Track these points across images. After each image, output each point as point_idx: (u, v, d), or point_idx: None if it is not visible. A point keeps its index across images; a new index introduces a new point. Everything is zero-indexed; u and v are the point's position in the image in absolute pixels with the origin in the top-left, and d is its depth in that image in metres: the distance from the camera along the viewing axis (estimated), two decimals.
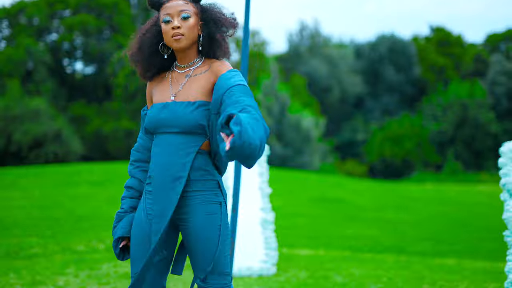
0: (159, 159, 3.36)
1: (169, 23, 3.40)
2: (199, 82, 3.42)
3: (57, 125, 32.11)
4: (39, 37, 37.77)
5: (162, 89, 3.48)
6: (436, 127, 41.92)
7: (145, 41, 3.49)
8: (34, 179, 18.98)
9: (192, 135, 3.36)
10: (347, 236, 10.52)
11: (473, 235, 10.93)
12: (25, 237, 9.49)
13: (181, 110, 3.34)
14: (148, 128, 3.43)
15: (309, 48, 51.42)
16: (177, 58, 3.50)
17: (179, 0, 3.45)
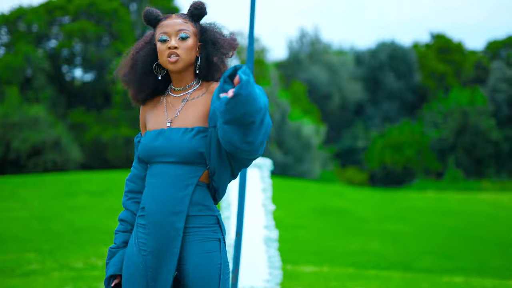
0: (155, 191, 3.09)
1: (165, 42, 3.15)
2: (196, 107, 3.17)
3: (56, 132, 31.94)
4: (38, 44, 37.62)
5: (156, 114, 3.22)
6: (436, 134, 41.80)
7: (138, 60, 3.24)
8: (33, 189, 18.82)
9: (190, 165, 3.10)
10: (350, 252, 10.32)
11: (478, 249, 10.75)
12: (22, 252, 9.31)
13: (178, 137, 3.09)
14: (142, 157, 3.18)
15: (309, 55, 51.30)
16: (173, 80, 3.25)
17: (178, 18, 3.21)
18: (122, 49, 35.71)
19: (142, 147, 3.16)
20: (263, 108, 2.88)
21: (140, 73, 3.23)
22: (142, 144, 3.17)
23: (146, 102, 3.30)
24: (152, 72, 3.24)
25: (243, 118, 2.83)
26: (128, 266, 3.12)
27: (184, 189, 3.07)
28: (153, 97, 3.30)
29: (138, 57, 3.24)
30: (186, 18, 3.23)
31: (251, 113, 2.82)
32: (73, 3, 37.46)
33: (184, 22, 3.20)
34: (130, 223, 3.24)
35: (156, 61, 3.23)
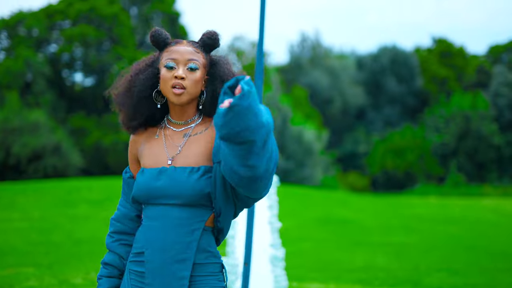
0: (155, 236, 2.79)
1: (172, 69, 2.83)
2: (199, 143, 2.87)
3: (56, 137, 31.80)
4: (38, 49, 37.54)
5: (154, 149, 2.90)
6: (438, 139, 41.67)
7: (136, 83, 2.91)
8: (33, 197, 18.65)
9: (196, 208, 2.81)
10: (356, 268, 10.12)
11: (487, 265, 10.54)
12: (21, 267, 9.12)
13: (183, 178, 2.78)
14: (138, 198, 2.85)
15: (311, 59, 51.22)
16: (172, 111, 2.93)
17: (189, 46, 2.89)
18: (123, 54, 35.67)
19: (139, 186, 2.83)
20: (266, 126, 2.58)
21: (136, 98, 2.90)
22: (139, 183, 2.84)
23: (137, 131, 2.98)
24: (151, 98, 2.92)
25: (242, 134, 2.52)
26: None
27: (190, 234, 2.79)
28: (146, 127, 2.98)
29: (137, 80, 2.92)
30: (198, 48, 2.92)
31: (251, 129, 2.51)
32: (74, 7, 37.38)
33: (195, 52, 2.89)
34: (117, 267, 2.95)
35: (156, 86, 2.92)
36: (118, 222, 2.97)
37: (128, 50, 36.42)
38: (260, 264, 7.03)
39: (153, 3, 39.51)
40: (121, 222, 2.97)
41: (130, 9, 40.18)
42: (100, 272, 2.97)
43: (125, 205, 2.99)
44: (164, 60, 2.87)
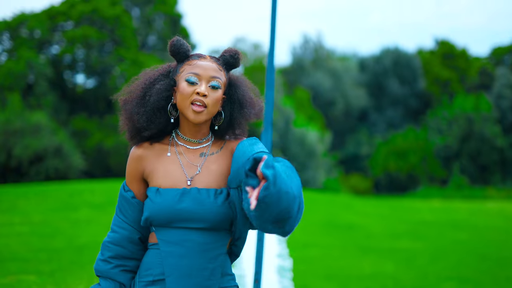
0: (179, 262, 2.61)
1: (193, 85, 2.66)
2: (218, 164, 2.73)
3: (58, 139, 31.68)
4: (40, 50, 37.48)
5: (169, 168, 2.72)
6: (441, 141, 41.54)
7: (152, 92, 2.73)
8: (34, 200, 18.51)
9: (218, 232, 2.67)
10: (364, 275, 9.95)
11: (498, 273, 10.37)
12: (22, 274, 8.96)
13: (209, 200, 2.63)
14: (156, 220, 2.65)
15: (313, 61, 51.15)
16: (184, 128, 2.76)
17: (213, 63, 2.73)
18: (125, 55, 35.58)
19: (159, 208, 2.64)
20: (297, 196, 2.43)
21: (151, 108, 2.72)
22: (158, 204, 2.65)
23: (141, 144, 2.81)
24: (164, 110, 2.75)
25: (278, 217, 2.39)
26: None
27: (214, 259, 2.65)
28: (152, 142, 2.81)
29: (152, 89, 2.74)
30: (220, 65, 2.76)
31: (286, 210, 2.38)
32: (76, 9, 37.33)
33: (219, 69, 2.74)
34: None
35: (170, 99, 2.76)
36: (117, 245, 2.75)
37: (130, 52, 36.33)
38: (267, 274, 6.88)
39: (155, 5, 39.46)
40: (121, 246, 2.75)
41: (132, 10, 40.13)
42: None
43: (124, 226, 2.77)
44: (186, 73, 2.71)
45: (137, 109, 2.75)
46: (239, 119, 2.79)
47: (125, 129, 2.83)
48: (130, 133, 2.82)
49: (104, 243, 2.77)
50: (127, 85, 2.86)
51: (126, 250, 2.74)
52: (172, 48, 2.75)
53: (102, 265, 2.73)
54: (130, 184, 2.80)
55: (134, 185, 2.79)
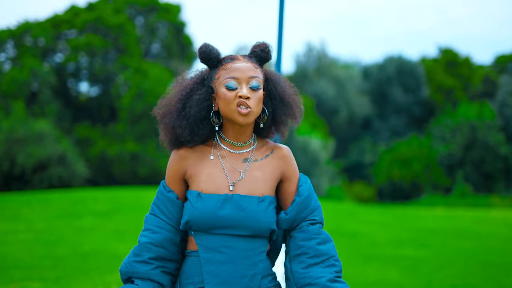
0: (219, 269, 2.62)
1: (234, 90, 2.63)
2: (263, 172, 2.73)
3: (61, 147, 31.76)
4: (44, 58, 37.63)
5: (212, 172, 2.70)
6: (445, 149, 41.52)
7: (192, 104, 2.69)
8: (38, 208, 18.55)
9: (260, 239, 2.68)
10: (369, 283, 9.95)
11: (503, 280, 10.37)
12: (26, 281, 8.97)
13: (253, 208, 2.63)
14: (197, 225, 2.65)
15: (316, 69, 51.21)
16: (229, 131, 2.74)
17: (248, 63, 2.69)
18: (129, 63, 35.65)
19: (200, 213, 2.63)
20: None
21: (194, 120, 2.69)
22: (199, 209, 2.64)
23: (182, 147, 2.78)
24: (207, 119, 2.72)
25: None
26: None
27: (254, 266, 2.66)
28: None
29: (191, 100, 2.70)
30: (255, 63, 2.73)
31: None
32: (80, 17, 37.48)
33: (255, 68, 2.70)
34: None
35: (211, 107, 2.73)
36: (159, 247, 2.70)
37: (134, 60, 36.40)
38: None
39: (158, 13, 39.56)
40: (163, 247, 2.71)
41: (136, 19, 40.23)
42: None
43: (167, 227, 2.72)
44: (223, 79, 2.67)
45: (178, 122, 2.71)
46: (281, 115, 2.79)
47: (166, 141, 2.80)
48: (172, 144, 2.79)
49: (142, 244, 2.70)
50: (162, 98, 2.81)
51: (168, 252, 2.71)
52: (203, 55, 2.71)
53: (141, 266, 2.67)
54: (172, 185, 2.77)
55: (175, 186, 2.76)
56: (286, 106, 2.79)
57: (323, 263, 2.72)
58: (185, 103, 2.71)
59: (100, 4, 38.79)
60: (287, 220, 2.74)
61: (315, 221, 2.77)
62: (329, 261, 2.74)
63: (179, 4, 40.25)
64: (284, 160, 2.79)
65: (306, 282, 2.68)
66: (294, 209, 2.72)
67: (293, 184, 2.78)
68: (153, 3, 39.65)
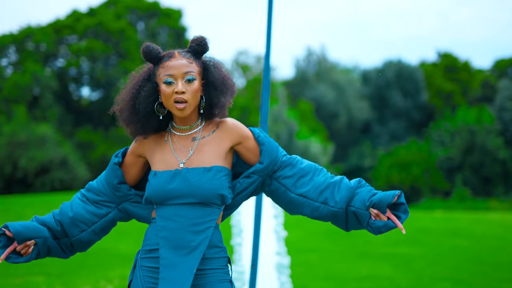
0: (170, 235, 2.96)
1: (171, 85, 3.00)
2: (211, 145, 3.07)
3: (63, 151, 31.99)
4: (46, 63, 37.85)
5: (163, 154, 3.08)
6: (444, 153, 41.65)
7: (140, 101, 3.07)
8: (41, 209, 18.78)
9: (209, 207, 3.00)
10: (362, 277, 10.24)
11: (491, 275, 10.65)
12: (31, 276, 9.26)
13: (197, 178, 2.97)
14: (152, 199, 3.02)
15: (316, 73, 51.40)
16: (175, 119, 3.11)
17: (182, 59, 3.05)
18: (130, 68, 35.85)
19: (154, 188, 3.01)
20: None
21: (143, 114, 3.08)
22: (154, 185, 3.01)
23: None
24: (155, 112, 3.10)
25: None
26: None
27: (203, 232, 2.98)
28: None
29: (139, 98, 3.08)
30: (190, 57, 3.09)
31: None
32: (81, 22, 37.71)
33: (189, 63, 3.06)
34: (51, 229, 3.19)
35: (157, 100, 3.10)
36: (91, 192, 3.24)
37: (135, 64, 36.53)
38: (266, 271, 7.19)
39: (159, 18, 39.78)
40: (94, 193, 3.23)
41: (137, 24, 40.47)
42: (54, 211, 3.26)
43: (103, 183, 3.23)
44: (162, 76, 3.03)
45: (131, 118, 3.10)
46: (215, 98, 3.12)
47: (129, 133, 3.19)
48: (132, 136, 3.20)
49: (89, 184, 3.28)
50: (118, 94, 3.21)
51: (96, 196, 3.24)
52: (144, 55, 3.10)
53: (76, 196, 3.29)
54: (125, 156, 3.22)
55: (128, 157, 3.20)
56: (218, 89, 3.11)
57: (320, 173, 3.16)
58: (135, 101, 3.10)
59: (101, 9, 39.03)
60: (266, 167, 3.10)
61: (286, 155, 3.16)
62: (322, 171, 3.18)
63: (180, 9, 40.48)
64: (230, 130, 3.12)
65: (315, 194, 3.13)
66: (266, 155, 3.09)
67: (251, 140, 3.14)
68: (154, 8, 39.88)
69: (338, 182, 3.12)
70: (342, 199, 3.09)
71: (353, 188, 3.10)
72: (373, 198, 3.02)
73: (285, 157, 3.15)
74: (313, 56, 52.40)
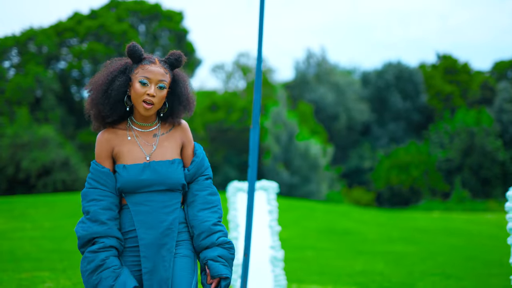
0: (146, 218, 3.45)
1: (145, 86, 3.47)
2: (170, 142, 3.61)
3: (65, 152, 32.22)
4: (48, 65, 38.07)
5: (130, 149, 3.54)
6: (443, 154, 41.86)
7: (113, 87, 3.52)
8: (44, 209, 19.10)
9: (174, 192, 3.53)
10: (355, 272, 10.56)
11: (482, 271, 10.96)
12: (37, 271, 9.58)
13: (165, 169, 3.49)
14: (125, 189, 3.47)
15: (316, 75, 51.57)
16: (137, 115, 3.59)
17: (160, 68, 3.52)
18: None
19: (126, 180, 3.46)
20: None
21: (114, 100, 3.51)
22: (126, 177, 3.47)
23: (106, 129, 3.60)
24: (123, 101, 3.54)
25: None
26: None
27: (172, 212, 3.49)
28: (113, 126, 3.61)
29: (113, 85, 3.52)
30: (167, 68, 3.56)
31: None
32: (83, 25, 37.94)
33: (165, 73, 3.54)
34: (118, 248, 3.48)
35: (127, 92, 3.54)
36: (107, 210, 3.48)
37: None
38: (260, 264, 7.53)
39: (161, 21, 39.98)
40: (111, 209, 3.49)
41: (138, 26, 40.68)
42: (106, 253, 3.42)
43: (108, 194, 3.52)
44: (139, 76, 3.50)
45: (102, 100, 3.52)
46: (177, 109, 3.64)
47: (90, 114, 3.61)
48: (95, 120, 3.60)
49: (94, 211, 3.48)
50: (93, 77, 3.63)
51: (114, 212, 3.51)
52: (129, 53, 3.53)
53: (100, 227, 3.44)
54: (103, 162, 3.58)
55: (105, 162, 3.59)
56: (182, 102, 3.64)
57: (210, 209, 3.60)
58: (109, 86, 3.54)
59: (102, 11, 39.25)
60: (189, 175, 3.63)
61: (208, 176, 3.69)
62: (214, 208, 3.61)
63: (182, 12, 40.69)
64: (182, 131, 3.69)
65: (197, 223, 3.56)
66: (194, 167, 3.65)
67: (191, 148, 3.69)
68: (155, 10, 40.09)
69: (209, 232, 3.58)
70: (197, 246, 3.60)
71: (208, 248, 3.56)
72: (209, 263, 3.51)
73: (205, 181, 3.67)
74: (313, 58, 52.57)
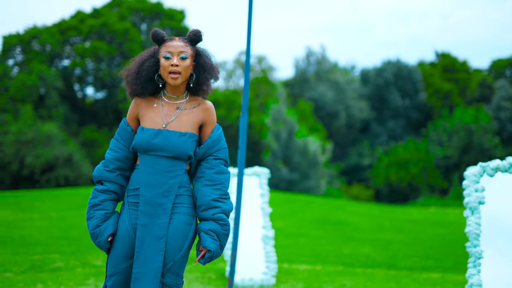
0: (149, 177, 3.93)
1: (169, 59, 3.96)
2: (189, 117, 4.04)
3: (68, 149, 32.65)
4: (52, 63, 38.34)
5: (153, 115, 4.03)
6: (441, 152, 42.13)
7: (143, 69, 4.04)
8: (49, 202, 19.66)
9: (179, 160, 3.98)
10: (343, 254, 11.26)
11: (460, 254, 11.63)
12: (47, 254, 10.26)
13: (174, 139, 3.95)
14: (137, 148, 3.97)
15: (316, 73, 51.87)
16: (168, 88, 4.08)
17: (180, 42, 4.03)
18: None
19: (140, 141, 3.95)
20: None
21: (144, 79, 4.05)
22: (140, 138, 3.96)
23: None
24: (154, 79, 4.07)
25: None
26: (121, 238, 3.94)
27: (174, 177, 3.96)
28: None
29: (143, 67, 4.06)
30: (186, 42, 4.09)
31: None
32: (86, 23, 38.26)
33: (185, 45, 4.05)
34: (118, 193, 4.04)
35: (157, 71, 4.07)
36: (118, 161, 4.06)
37: None
38: (252, 242, 8.24)
39: (162, 19, 40.26)
40: (122, 161, 4.07)
41: (140, 25, 41.01)
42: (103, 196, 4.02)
43: (123, 148, 4.09)
44: (163, 52, 4.03)
45: (135, 80, 4.05)
46: (203, 77, 4.12)
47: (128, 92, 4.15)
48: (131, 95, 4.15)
49: (108, 159, 4.07)
50: (127, 65, 4.16)
51: (124, 164, 4.07)
52: (153, 37, 4.08)
53: (108, 173, 4.04)
54: (129, 121, 4.13)
55: (131, 122, 4.14)
56: (206, 71, 4.11)
57: (212, 186, 4.02)
58: (140, 69, 4.08)
59: (105, 10, 39.51)
60: (199, 153, 4.05)
61: (218, 157, 4.09)
62: (218, 186, 4.02)
63: (183, 10, 41.10)
64: (206, 112, 4.11)
65: (199, 196, 4.01)
66: (205, 146, 4.06)
67: (209, 129, 4.12)
68: (157, 9, 40.40)
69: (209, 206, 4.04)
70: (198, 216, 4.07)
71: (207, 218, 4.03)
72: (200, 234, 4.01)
73: (214, 160, 4.10)
74: (313, 57, 52.84)
